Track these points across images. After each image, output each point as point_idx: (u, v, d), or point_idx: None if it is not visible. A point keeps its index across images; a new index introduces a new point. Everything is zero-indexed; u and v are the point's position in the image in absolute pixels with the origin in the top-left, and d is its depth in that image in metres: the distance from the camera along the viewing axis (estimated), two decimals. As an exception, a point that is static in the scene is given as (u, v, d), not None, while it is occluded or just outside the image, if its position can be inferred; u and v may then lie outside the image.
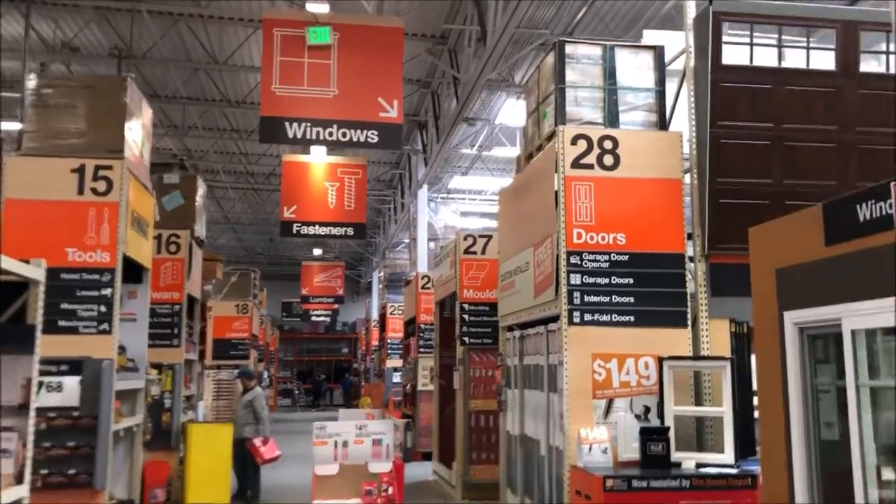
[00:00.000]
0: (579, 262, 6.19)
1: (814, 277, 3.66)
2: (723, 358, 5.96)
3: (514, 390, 7.73)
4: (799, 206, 6.40)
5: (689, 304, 6.26)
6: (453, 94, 13.81)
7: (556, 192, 6.29)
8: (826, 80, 6.30)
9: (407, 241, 24.82)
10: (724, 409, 5.83)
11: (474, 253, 10.94)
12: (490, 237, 11.05)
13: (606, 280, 6.20)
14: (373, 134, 8.50)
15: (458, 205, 20.64)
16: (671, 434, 5.81)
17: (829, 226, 3.59)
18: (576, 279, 6.17)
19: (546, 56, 6.90)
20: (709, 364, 6.08)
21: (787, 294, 3.86)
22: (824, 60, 6.37)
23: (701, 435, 6.18)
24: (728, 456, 5.76)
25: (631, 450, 5.93)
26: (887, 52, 6.39)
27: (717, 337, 6.28)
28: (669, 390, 5.97)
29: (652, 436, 5.78)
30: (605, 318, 6.16)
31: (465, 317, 10.83)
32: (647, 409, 6.10)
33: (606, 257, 6.22)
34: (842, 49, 6.29)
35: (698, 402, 6.20)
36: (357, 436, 6.80)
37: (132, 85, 7.43)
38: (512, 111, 15.19)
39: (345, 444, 6.74)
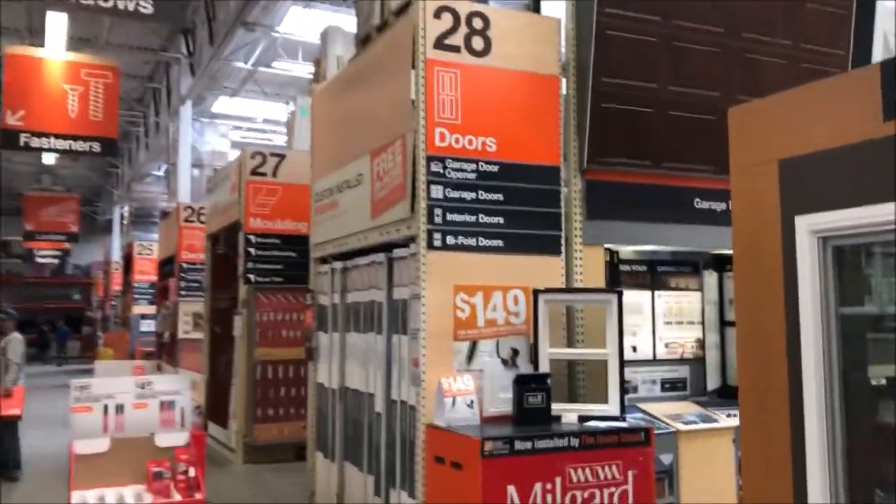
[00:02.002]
0: (442, 171, 4.87)
1: (854, 168, 2.66)
2: (611, 290, 5.00)
3: (333, 334, 6.30)
4: (683, 117, 5.64)
5: (563, 227, 5.21)
6: (231, -9, 11.69)
7: (414, 81, 4.89)
8: (716, -26, 5.47)
9: (159, 170, 21.90)
10: (609, 352, 4.89)
11: (263, 174, 9.20)
12: (283, 157, 9.37)
13: (473, 195, 4.95)
14: (145, 2, 6.46)
15: (228, 130, 18.29)
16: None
17: (893, 92, 2.58)
18: (437, 192, 4.86)
19: (393, -89, 5.41)
20: (593, 297, 5.10)
21: (799, 192, 2.84)
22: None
23: (572, 382, 5.22)
24: (613, 406, 4.84)
25: (498, 402, 4.81)
26: (775, -49, 5.70)
27: (592, 267, 5.31)
28: (545, 329, 4.90)
29: (529, 385, 4.69)
30: (470, 241, 4.92)
31: (252, 251, 9.11)
32: (516, 353, 5.00)
33: (474, 166, 4.96)
34: (734, -61, 5.49)
35: (570, 344, 5.21)
36: (138, 397, 4.95)
37: None
38: (298, 21, 13.30)
39: (119, 408, 4.86)
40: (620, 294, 4.89)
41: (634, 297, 5.77)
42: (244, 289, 9.13)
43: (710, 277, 6.42)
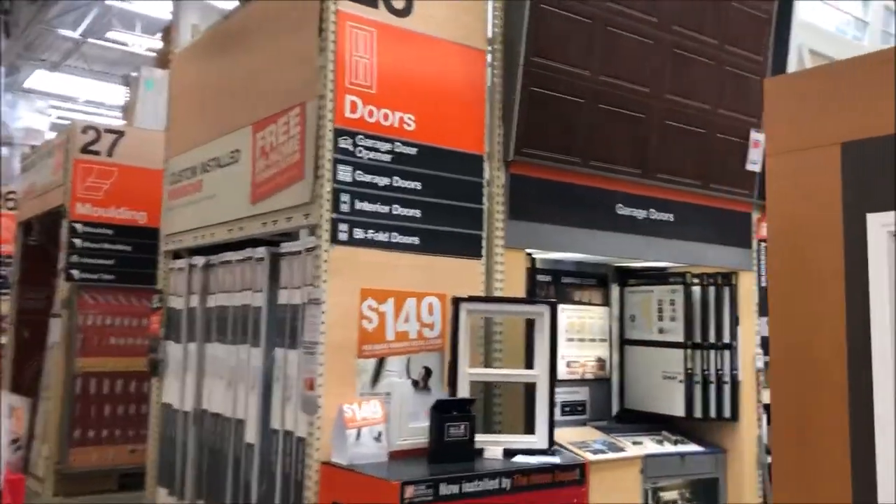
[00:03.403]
0: (351, 149, 3.98)
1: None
2: (542, 300, 4.29)
3: (188, 345, 5.17)
4: (613, 112, 5.07)
5: (484, 226, 4.47)
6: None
7: (321, 37, 3.97)
8: (652, -42, 4.98)
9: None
10: (538, 373, 4.19)
11: (97, 153, 7.78)
12: (122, 133, 7.99)
13: (387, 180, 4.09)
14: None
15: (45, 107, 16.03)
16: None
17: None
18: (345, 174, 3.95)
19: None
20: (522, 309, 4.37)
21: (871, 184, 2.25)
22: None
23: (488, 408, 4.46)
24: (541, 438, 4.14)
25: (407, 432, 3.99)
26: (709, -57, 5.30)
27: (513, 274, 4.60)
28: (465, 345, 4.12)
29: (451, 413, 3.89)
30: (382, 237, 4.05)
31: (78, 242, 7.64)
32: (429, 373, 4.18)
33: (389, 146, 4.11)
34: (671, -78, 5.02)
35: (487, 363, 4.46)
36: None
37: None
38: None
39: None
40: (554, 305, 4.21)
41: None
42: (65, 286, 7.63)
43: (615, 291, 5.94)
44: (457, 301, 4.09)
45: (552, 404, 4.16)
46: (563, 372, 5.54)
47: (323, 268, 3.85)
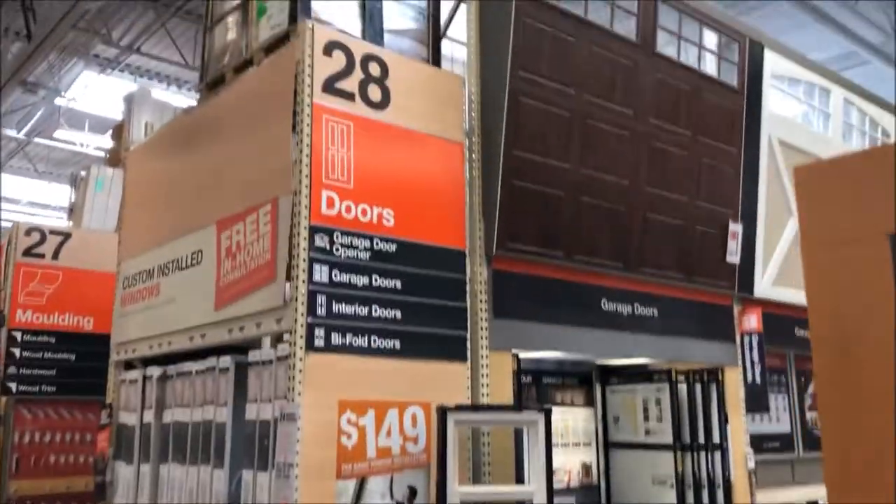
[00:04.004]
0: (328, 247, 3.69)
1: None
2: (538, 408, 3.96)
3: (142, 466, 4.67)
4: (594, 205, 4.90)
5: (468, 327, 4.18)
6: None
7: (298, 130, 3.74)
8: (627, 50, 4.94)
9: None
10: (534, 489, 3.82)
11: (40, 256, 7.33)
12: (68, 235, 7.57)
13: (366, 280, 3.79)
14: None
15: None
16: (467, 533, 3.60)
17: None
18: (322, 274, 3.64)
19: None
20: (515, 417, 4.03)
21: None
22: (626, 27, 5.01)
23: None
24: (540, 561, 3.74)
25: (391, 564, 3.55)
26: (679, 36, 5.31)
27: (498, 378, 4.29)
28: (454, 460, 3.75)
29: (443, 540, 3.49)
30: (361, 341, 3.72)
31: (17, 351, 7.09)
32: (413, 494, 3.78)
33: (367, 243, 3.83)
34: (642, 14, 5.01)
35: (475, 479, 4.08)
36: None
37: None
38: (89, 88, 11.50)
39: None
40: (549, 413, 3.88)
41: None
42: (1, 401, 7.03)
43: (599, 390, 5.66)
44: (444, 411, 3.74)
45: (551, 523, 3.78)
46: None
47: (297, 378, 3.48)
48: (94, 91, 11.63)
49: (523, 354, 4.73)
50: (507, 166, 4.31)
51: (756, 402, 5.70)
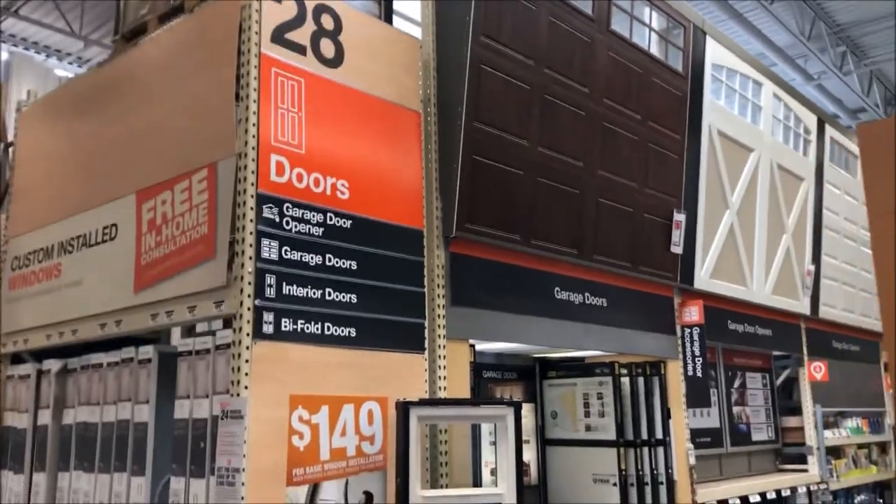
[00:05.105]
0: (278, 220, 3.20)
1: None
2: (507, 402, 3.61)
3: (34, 475, 3.99)
4: (550, 186, 4.60)
5: (426, 314, 3.78)
6: None
7: (243, 83, 3.23)
8: (583, 24, 4.67)
9: None
10: (502, 492, 3.47)
11: None
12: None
13: (319, 259, 3.33)
14: None
15: None
16: (435, 543, 3.20)
17: None
18: (271, 251, 3.16)
19: None
20: (482, 412, 3.65)
21: None
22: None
23: (434, 535, 3.66)
24: (510, 570, 3.39)
25: (347, 581, 3.12)
26: (631, 15, 5.10)
27: (456, 371, 3.91)
28: (416, 461, 3.35)
29: (409, 551, 3.08)
30: (314, 328, 3.26)
31: None
32: (370, 498, 3.36)
33: (321, 217, 3.37)
34: (598, -11, 4.76)
35: (433, 481, 3.68)
36: None
37: None
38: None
39: None
40: (518, 407, 3.54)
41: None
42: None
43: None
44: (406, 406, 3.33)
45: (520, 528, 3.44)
46: (487, 479, 4.85)
47: (244, 370, 2.99)
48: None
49: (478, 346, 4.39)
50: (467, 139, 3.94)
51: (697, 396, 5.58)
